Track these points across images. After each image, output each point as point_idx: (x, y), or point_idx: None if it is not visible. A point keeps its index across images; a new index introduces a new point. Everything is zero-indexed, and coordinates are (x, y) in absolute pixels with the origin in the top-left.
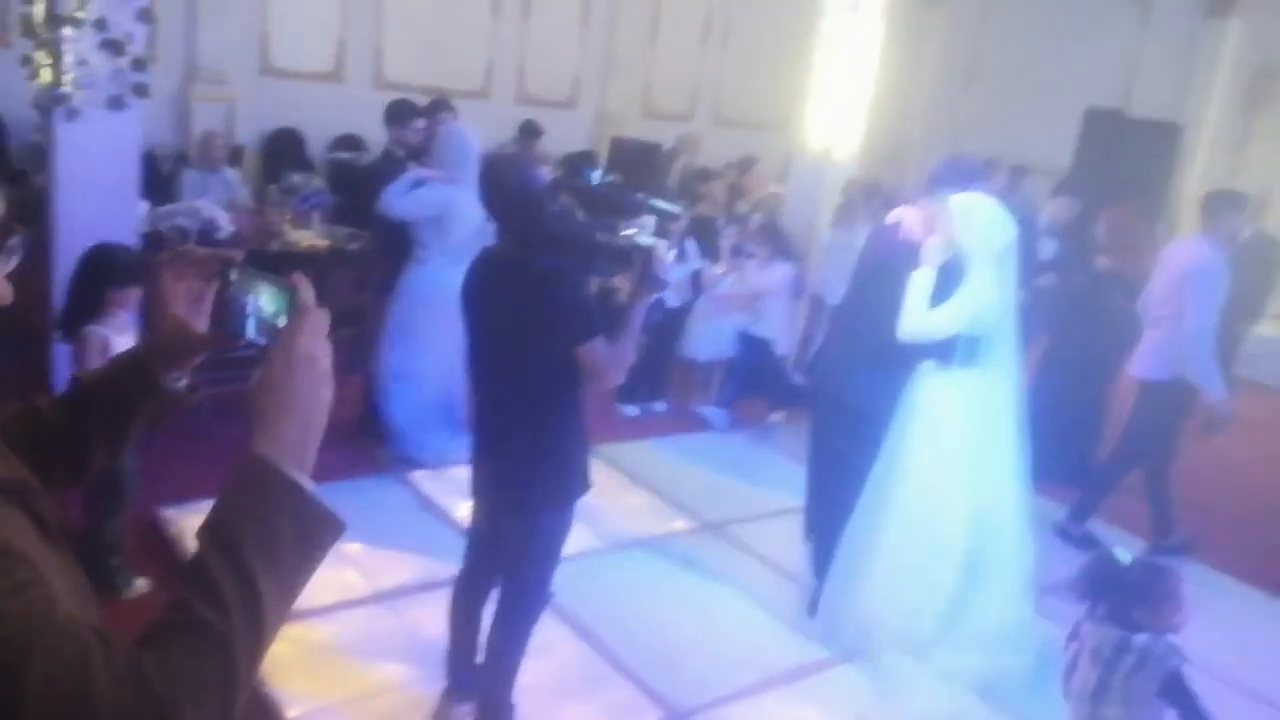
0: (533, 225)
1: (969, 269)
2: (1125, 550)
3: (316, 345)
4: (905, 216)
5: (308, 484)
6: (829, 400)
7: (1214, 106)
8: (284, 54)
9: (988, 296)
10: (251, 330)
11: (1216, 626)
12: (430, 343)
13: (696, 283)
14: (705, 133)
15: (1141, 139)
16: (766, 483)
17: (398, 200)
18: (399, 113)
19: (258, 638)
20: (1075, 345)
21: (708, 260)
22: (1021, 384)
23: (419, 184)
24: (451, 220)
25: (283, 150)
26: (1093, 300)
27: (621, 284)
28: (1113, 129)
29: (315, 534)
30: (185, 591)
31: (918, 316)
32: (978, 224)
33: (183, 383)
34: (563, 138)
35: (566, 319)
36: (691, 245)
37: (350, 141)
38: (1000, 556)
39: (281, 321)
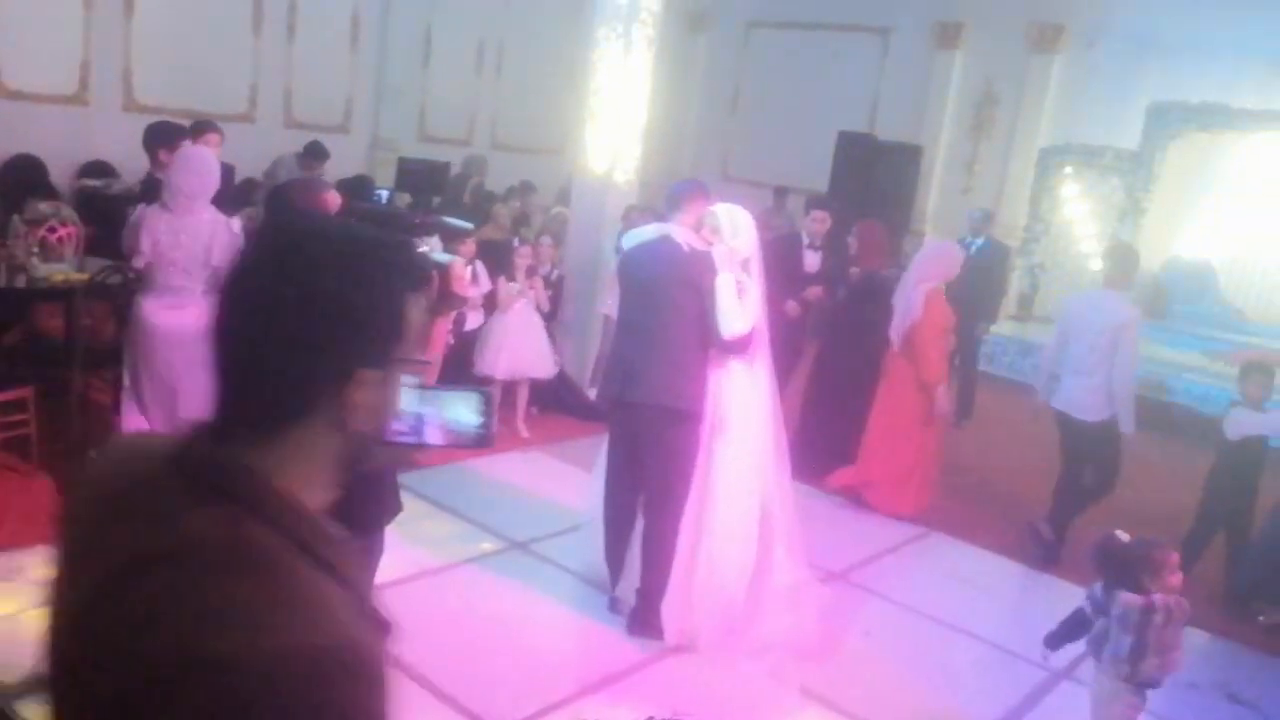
0: None
1: (747, 268)
2: (1123, 532)
3: None
4: (674, 231)
5: None
6: (638, 408)
7: (946, 130)
8: (18, 74)
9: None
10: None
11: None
12: (153, 382)
13: (490, 304)
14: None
15: (888, 159)
16: (568, 496)
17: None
18: (161, 135)
19: None
20: (843, 350)
21: (502, 278)
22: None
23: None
24: (160, 250)
25: (22, 178)
26: (854, 308)
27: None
28: (863, 151)
29: None
30: None
31: (734, 315)
32: (742, 228)
33: None
34: (337, 162)
35: None
36: (480, 268)
37: (99, 168)
38: (780, 530)
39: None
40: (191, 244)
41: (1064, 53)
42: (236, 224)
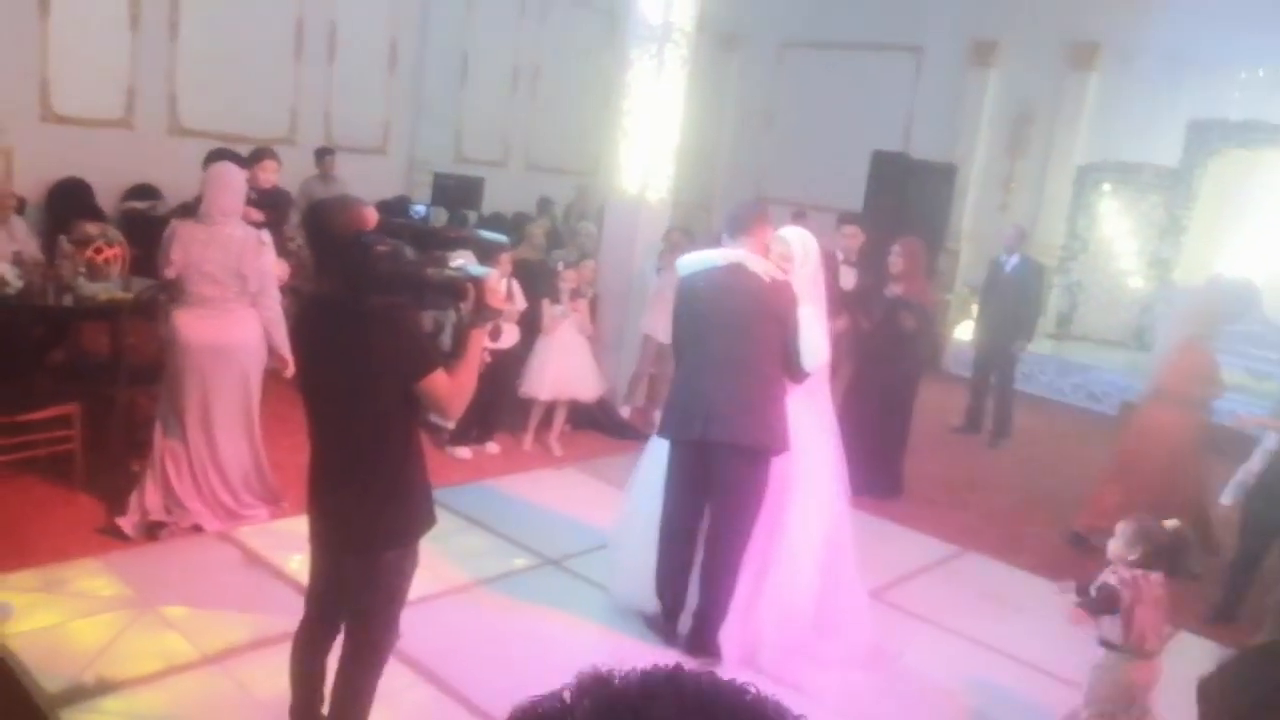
0: (360, 265)
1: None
2: (1171, 520)
3: None
4: (746, 259)
5: None
6: (721, 447)
7: (981, 148)
8: (67, 100)
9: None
10: None
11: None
12: (188, 394)
13: (527, 323)
14: (517, 178)
15: (923, 178)
16: (601, 514)
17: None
18: (214, 159)
19: None
20: (878, 371)
21: (546, 300)
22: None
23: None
24: (193, 259)
25: (69, 201)
26: (889, 328)
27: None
28: (897, 169)
29: None
30: None
31: (819, 348)
32: (812, 254)
33: None
34: (375, 184)
35: (404, 355)
36: (515, 285)
37: (144, 191)
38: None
39: None
40: (223, 256)
41: (1100, 70)
42: (266, 235)
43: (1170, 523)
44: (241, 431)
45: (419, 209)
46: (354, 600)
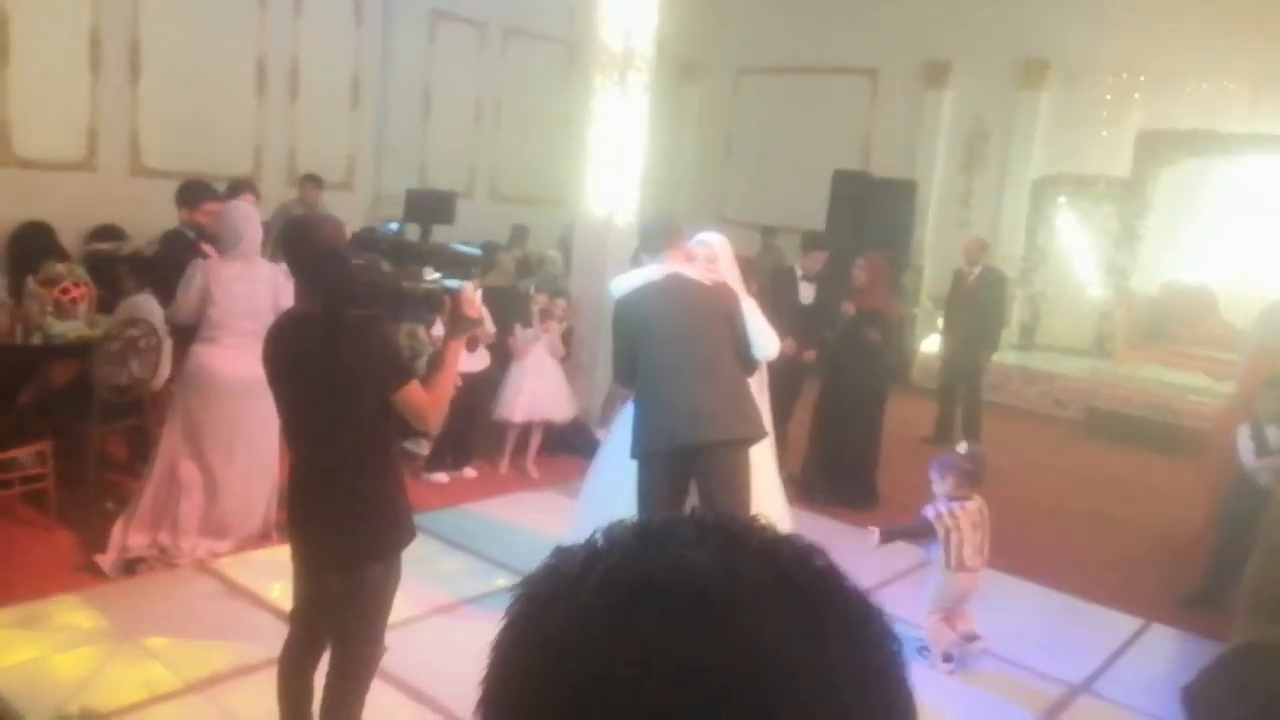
0: (338, 280)
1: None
2: (962, 444)
3: None
4: (679, 268)
5: None
6: (712, 447)
7: (939, 165)
8: (28, 143)
9: None
10: None
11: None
12: (213, 428)
13: (499, 350)
14: (482, 209)
15: (884, 196)
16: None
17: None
18: (192, 194)
19: None
20: (846, 384)
21: (518, 324)
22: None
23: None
24: (235, 295)
25: (32, 243)
26: (854, 341)
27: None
28: (858, 188)
29: None
30: None
31: (769, 336)
32: (729, 254)
33: None
34: (341, 218)
35: (379, 367)
36: (484, 311)
37: (108, 232)
38: None
39: None
40: (263, 291)
41: (1051, 86)
42: (284, 267)
43: (961, 446)
44: (261, 466)
45: (392, 225)
46: (338, 616)
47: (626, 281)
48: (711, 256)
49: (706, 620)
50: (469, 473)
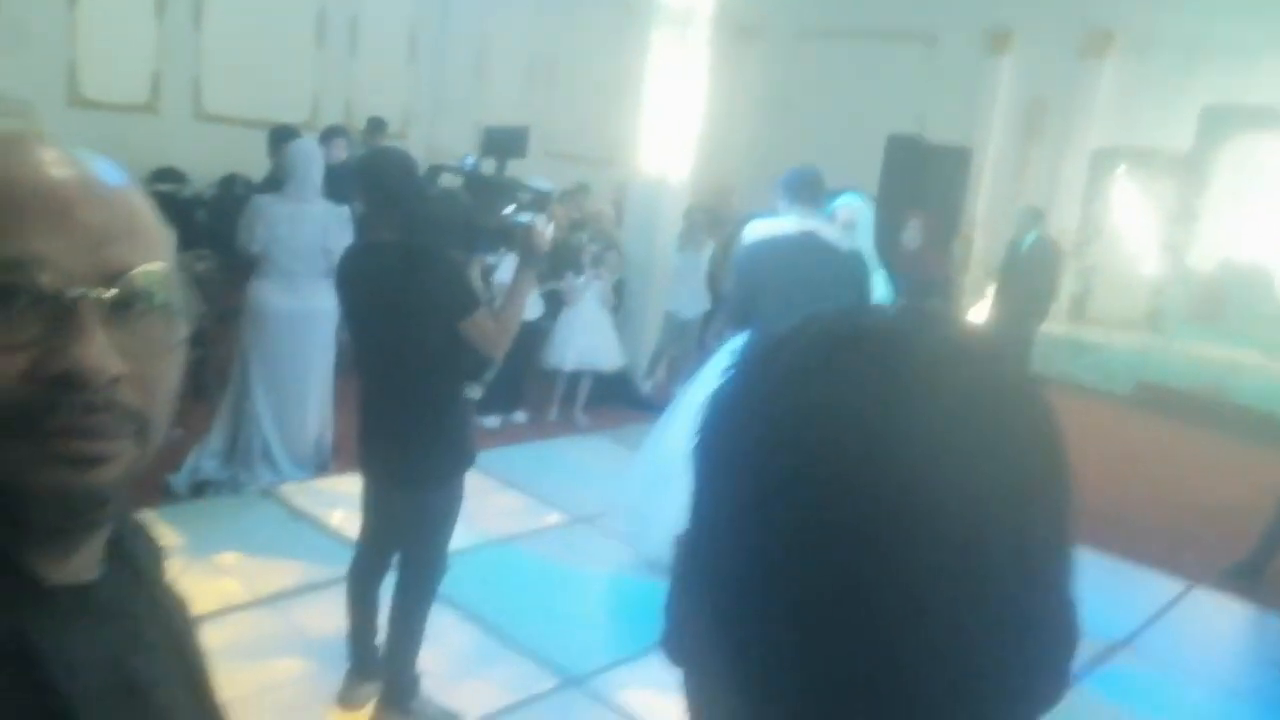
0: (412, 210)
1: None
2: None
3: None
4: (815, 227)
5: None
6: None
7: (996, 134)
8: (94, 84)
9: None
10: None
11: None
12: (263, 362)
13: (552, 298)
14: (535, 165)
15: (937, 162)
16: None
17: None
18: (281, 138)
19: None
20: None
21: (570, 274)
22: None
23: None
24: (280, 235)
25: None
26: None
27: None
28: (912, 153)
29: None
30: None
31: None
32: (868, 222)
33: None
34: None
35: (449, 296)
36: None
37: (169, 174)
38: None
39: None
40: (312, 231)
41: (1114, 57)
42: (345, 212)
43: None
44: (314, 398)
45: (468, 159)
46: (405, 534)
47: (760, 228)
48: (850, 221)
49: (924, 366)
50: (519, 417)
